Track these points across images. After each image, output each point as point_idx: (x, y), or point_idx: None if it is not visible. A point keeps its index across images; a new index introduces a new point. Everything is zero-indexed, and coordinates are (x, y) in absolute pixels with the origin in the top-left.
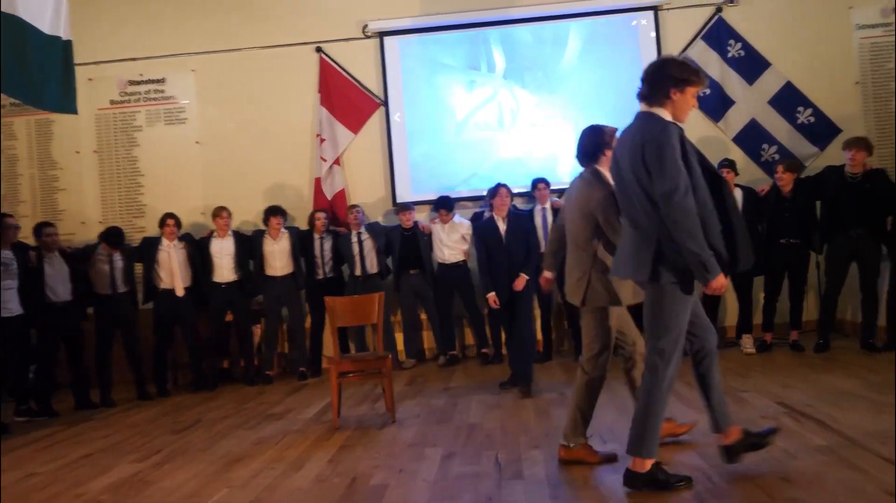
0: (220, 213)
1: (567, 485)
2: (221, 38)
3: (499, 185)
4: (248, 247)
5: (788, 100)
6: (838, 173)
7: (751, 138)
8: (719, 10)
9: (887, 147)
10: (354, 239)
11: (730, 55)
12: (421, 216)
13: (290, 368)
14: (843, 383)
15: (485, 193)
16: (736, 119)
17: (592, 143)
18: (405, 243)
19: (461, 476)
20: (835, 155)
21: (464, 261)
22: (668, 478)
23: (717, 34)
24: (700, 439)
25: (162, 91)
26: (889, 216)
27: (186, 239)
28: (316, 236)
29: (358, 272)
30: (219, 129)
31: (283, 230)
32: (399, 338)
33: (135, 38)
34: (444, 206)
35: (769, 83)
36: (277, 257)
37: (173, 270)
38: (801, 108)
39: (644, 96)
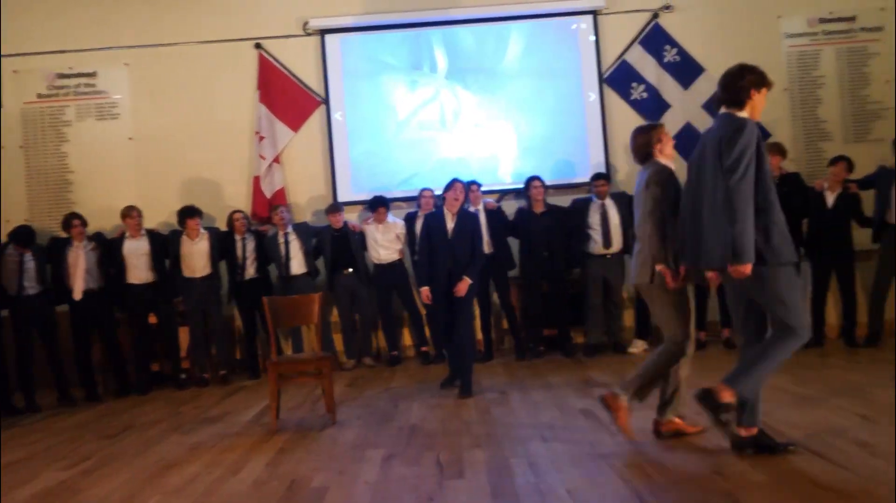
0: (129, 212)
1: (508, 484)
2: (157, 32)
3: (454, 181)
4: (164, 246)
5: None
6: None
7: (686, 141)
8: (656, 16)
9: (813, 151)
10: (281, 239)
11: (666, 60)
12: (352, 216)
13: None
14: (772, 378)
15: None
16: (672, 122)
17: (644, 142)
18: (336, 243)
19: (402, 477)
20: None
21: (399, 260)
22: (728, 420)
23: (654, 39)
24: (638, 436)
25: (93, 85)
26: (804, 219)
27: (97, 239)
28: (237, 237)
29: (285, 272)
30: (153, 125)
31: (202, 231)
32: (338, 338)
33: (64, 29)
34: (381, 203)
35: (703, 88)
36: (196, 258)
37: (77, 273)
38: None
39: (725, 101)
